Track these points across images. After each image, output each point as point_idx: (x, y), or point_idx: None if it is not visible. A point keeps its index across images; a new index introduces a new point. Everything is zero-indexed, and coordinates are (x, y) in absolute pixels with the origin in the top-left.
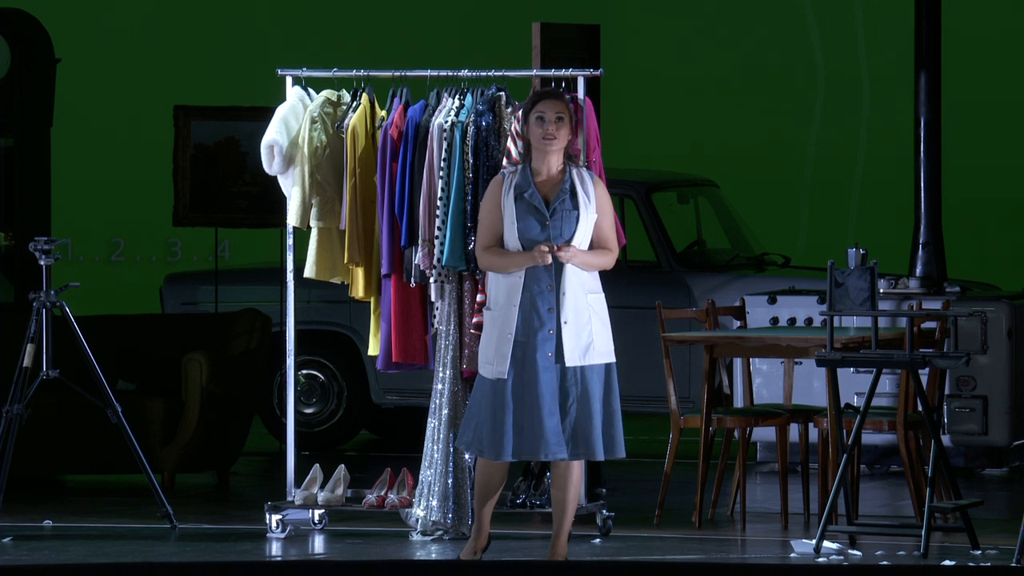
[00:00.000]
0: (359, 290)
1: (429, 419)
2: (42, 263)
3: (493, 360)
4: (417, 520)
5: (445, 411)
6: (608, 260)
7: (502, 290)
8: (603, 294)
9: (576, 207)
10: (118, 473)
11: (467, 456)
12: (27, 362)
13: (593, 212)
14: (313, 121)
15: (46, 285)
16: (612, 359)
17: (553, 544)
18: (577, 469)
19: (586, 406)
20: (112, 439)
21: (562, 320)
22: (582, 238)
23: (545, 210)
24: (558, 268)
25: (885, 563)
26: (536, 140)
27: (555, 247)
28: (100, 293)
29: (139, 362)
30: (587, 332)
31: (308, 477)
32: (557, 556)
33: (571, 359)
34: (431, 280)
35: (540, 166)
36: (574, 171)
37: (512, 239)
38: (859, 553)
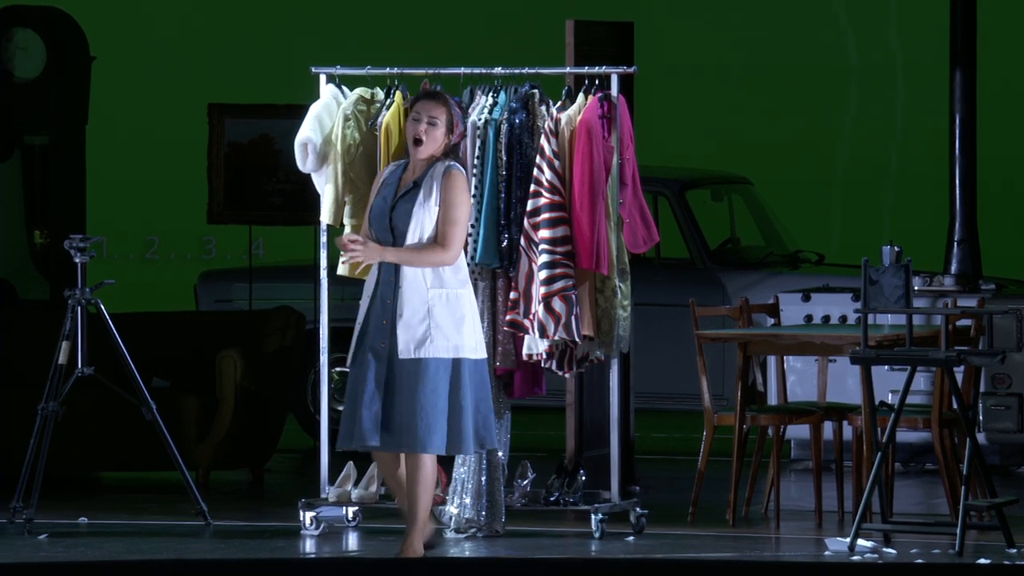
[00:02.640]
0: None
1: None
2: (77, 261)
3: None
4: (451, 518)
5: None
6: (435, 257)
7: (367, 281)
8: (460, 289)
9: (414, 199)
10: (153, 470)
11: (500, 454)
12: (62, 359)
13: (434, 205)
14: (347, 119)
15: (81, 283)
16: (461, 355)
17: (404, 538)
18: (425, 467)
19: (411, 399)
20: (147, 436)
21: (397, 313)
22: (418, 231)
23: (391, 200)
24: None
25: (920, 561)
26: (407, 138)
27: (344, 241)
28: (135, 291)
29: (174, 359)
30: (424, 326)
31: (342, 474)
32: (408, 552)
33: (404, 351)
34: None
35: (412, 160)
36: (437, 165)
37: (365, 226)
38: (894, 551)
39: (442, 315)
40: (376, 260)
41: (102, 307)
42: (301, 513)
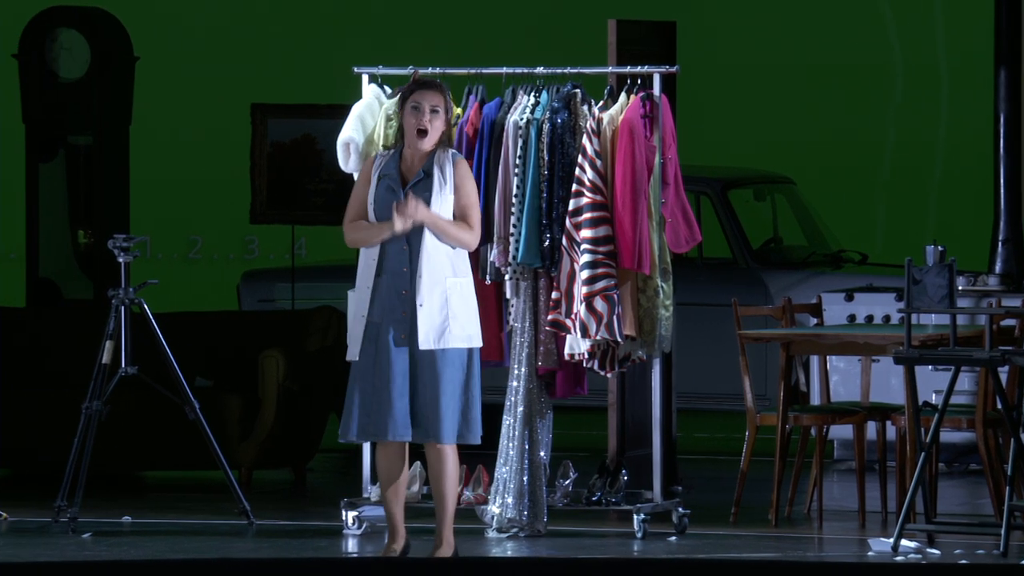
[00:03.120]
0: None
1: (504, 416)
2: (121, 260)
3: (349, 341)
4: (493, 517)
5: (520, 408)
6: (466, 234)
7: (361, 271)
8: (469, 278)
9: (428, 190)
10: (196, 469)
11: (542, 454)
12: (106, 359)
13: (449, 193)
14: (389, 119)
15: (125, 282)
16: (474, 344)
17: (436, 536)
18: (451, 458)
19: (434, 389)
20: (190, 436)
21: (417, 303)
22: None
23: (400, 190)
24: (414, 251)
25: (964, 562)
26: (409, 129)
27: (402, 203)
28: (178, 290)
29: (216, 359)
30: (443, 316)
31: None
32: (441, 551)
33: (424, 342)
34: (506, 277)
35: (409, 151)
36: (439, 154)
37: (371, 218)
38: (937, 552)
39: (458, 304)
40: (421, 221)
41: (146, 307)
42: (343, 512)
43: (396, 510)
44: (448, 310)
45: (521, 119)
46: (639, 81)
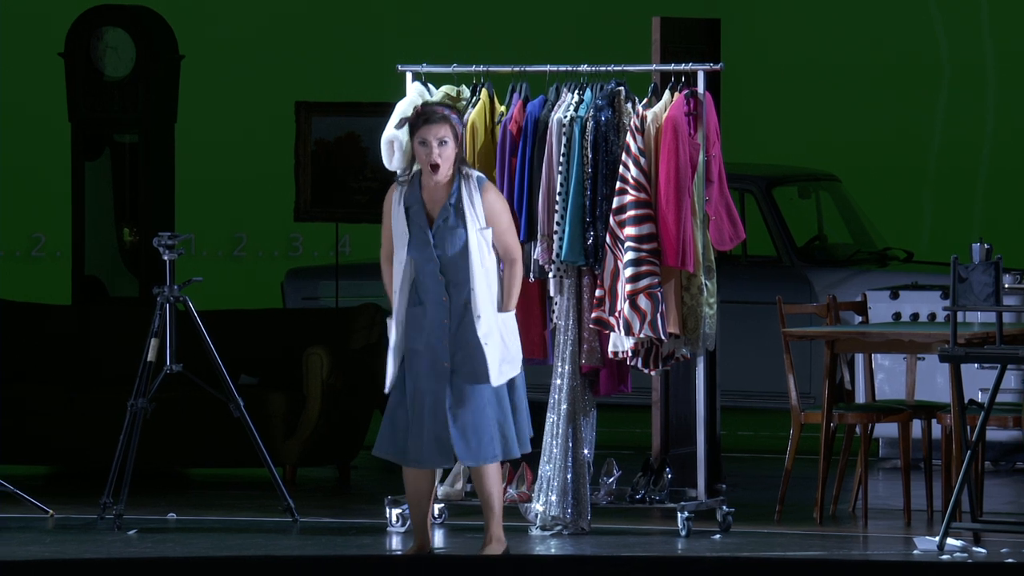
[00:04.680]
0: None
1: (548, 414)
2: (166, 258)
3: (387, 371)
4: (536, 515)
5: (564, 406)
6: (518, 270)
7: (399, 302)
8: (494, 312)
9: (461, 223)
10: (240, 467)
11: (586, 451)
12: (151, 356)
13: (481, 224)
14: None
15: (170, 280)
16: (520, 368)
17: (485, 534)
18: (491, 467)
19: (474, 415)
20: (234, 433)
21: (482, 342)
22: (474, 253)
23: (428, 229)
24: (451, 281)
25: (1010, 561)
26: (422, 164)
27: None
28: (223, 288)
29: (261, 357)
30: (502, 351)
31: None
32: (490, 548)
33: (496, 379)
34: (550, 275)
35: (427, 179)
36: (462, 181)
37: (402, 252)
38: (983, 550)
39: (511, 338)
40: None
41: (190, 304)
42: (387, 510)
43: (420, 519)
44: (504, 347)
45: (565, 117)
46: (683, 79)
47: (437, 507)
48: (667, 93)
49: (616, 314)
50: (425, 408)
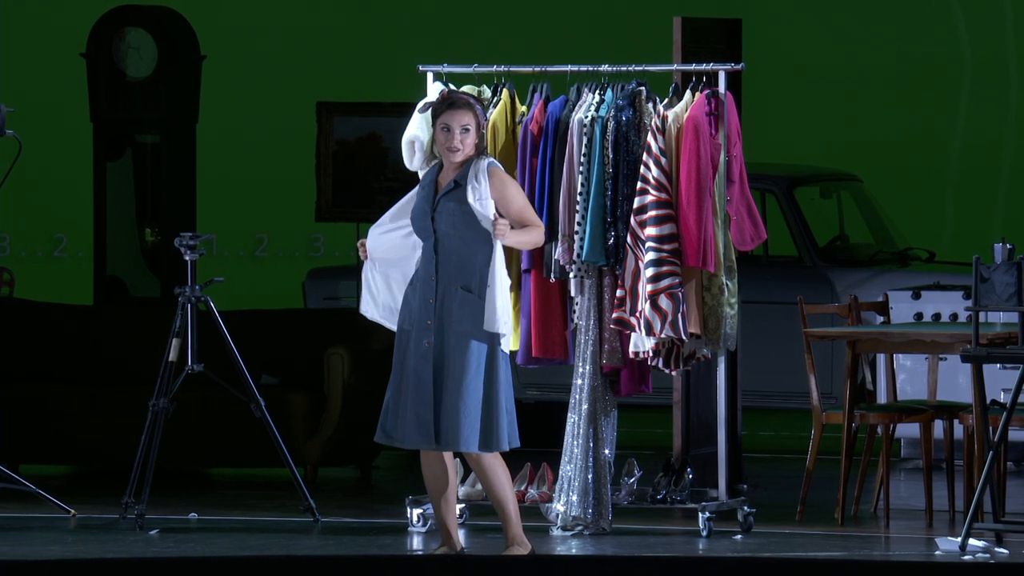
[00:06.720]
0: None
1: (569, 414)
2: (187, 258)
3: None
4: (557, 515)
5: (584, 406)
6: (538, 235)
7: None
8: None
9: (462, 199)
10: (262, 466)
11: (607, 452)
12: (172, 356)
13: (478, 199)
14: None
15: (191, 280)
16: (504, 338)
17: (505, 537)
18: (489, 464)
19: (455, 398)
20: (256, 433)
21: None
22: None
23: (432, 198)
24: (440, 260)
25: None
26: (441, 148)
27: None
28: (244, 288)
29: (282, 357)
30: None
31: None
32: (512, 550)
33: (489, 325)
34: (571, 275)
35: (447, 164)
36: (473, 162)
37: (404, 216)
38: (1006, 551)
39: (503, 304)
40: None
41: (212, 304)
42: (408, 510)
43: (446, 518)
44: (501, 309)
45: (586, 117)
46: (704, 79)
47: (458, 507)
48: (688, 93)
49: (637, 314)
50: (409, 387)
